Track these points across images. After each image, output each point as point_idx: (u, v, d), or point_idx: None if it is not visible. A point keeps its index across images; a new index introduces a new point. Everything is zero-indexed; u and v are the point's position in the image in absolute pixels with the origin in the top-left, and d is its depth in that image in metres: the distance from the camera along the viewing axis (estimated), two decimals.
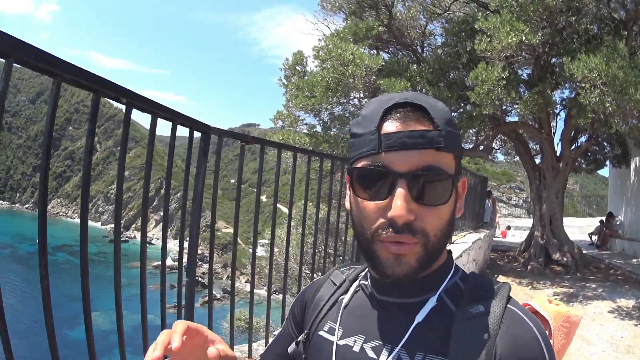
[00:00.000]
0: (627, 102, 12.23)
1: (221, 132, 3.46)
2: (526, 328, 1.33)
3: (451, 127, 1.37)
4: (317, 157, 5.72)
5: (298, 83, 16.76)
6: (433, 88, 16.91)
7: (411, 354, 1.37)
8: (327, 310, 1.68)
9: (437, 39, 20.87)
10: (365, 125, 1.40)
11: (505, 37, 13.08)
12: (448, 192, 1.35)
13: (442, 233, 1.37)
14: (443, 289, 1.45)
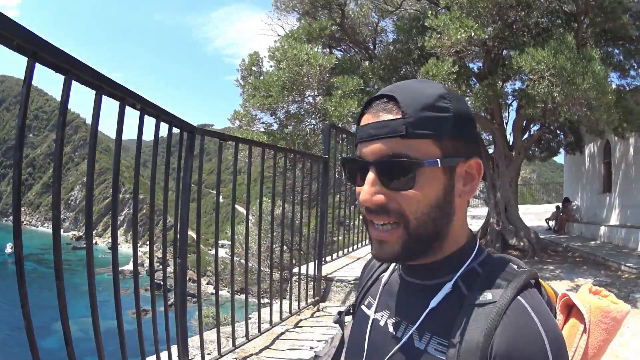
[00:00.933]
0: (575, 92, 12.73)
1: (204, 132, 3.65)
2: (529, 323, 1.30)
3: (430, 111, 1.39)
4: (300, 157, 6.10)
5: (255, 83, 17.00)
6: (385, 84, 17.00)
7: (420, 334, 1.44)
8: (369, 287, 1.84)
9: (388, 36, 21.28)
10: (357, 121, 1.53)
11: (455, 33, 13.43)
12: (411, 178, 1.38)
13: (427, 217, 1.42)
14: (460, 274, 1.48)
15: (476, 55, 16.80)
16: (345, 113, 14.78)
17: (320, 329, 4.95)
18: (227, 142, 4.05)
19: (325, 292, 6.06)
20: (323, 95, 16.38)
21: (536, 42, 14.06)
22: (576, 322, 1.58)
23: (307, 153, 6.23)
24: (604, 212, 23.84)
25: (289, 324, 5.04)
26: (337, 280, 6.06)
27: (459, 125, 1.42)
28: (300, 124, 18.18)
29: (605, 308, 1.55)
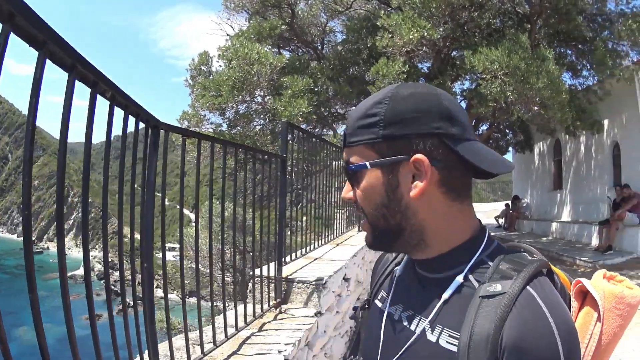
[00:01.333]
0: (529, 91, 12.94)
1: (168, 127, 3.45)
2: (538, 314, 1.31)
3: (362, 119, 1.53)
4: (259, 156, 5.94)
5: (204, 83, 16.84)
6: (333, 84, 17.58)
7: (432, 326, 1.49)
8: (382, 281, 1.92)
9: (337, 36, 21.48)
10: None
11: (407, 33, 13.53)
12: (353, 180, 1.59)
13: (378, 212, 1.55)
14: (470, 267, 1.50)
15: (426, 55, 16.92)
16: (295, 113, 14.84)
17: (285, 332, 4.89)
18: (190, 138, 3.94)
19: (287, 294, 5.98)
20: (272, 95, 16.34)
21: (488, 42, 14.29)
22: (590, 310, 1.58)
23: (266, 151, 6.17)
24: (555, 208, 24.34)
25: (253, 327, 4.96)
26: (298, 282, 5.99)
27: (391, 126, 1.48)
28: (249, 124, 18.10)
29: (619, 294, 1.56)
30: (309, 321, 5.30)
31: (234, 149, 4.95)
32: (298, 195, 8.54)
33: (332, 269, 6.67)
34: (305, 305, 5.82)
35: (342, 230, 10.74)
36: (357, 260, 8.60)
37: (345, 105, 20.55)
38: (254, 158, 5.50)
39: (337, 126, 21.80)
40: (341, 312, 7.20)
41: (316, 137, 8.65)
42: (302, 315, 5.51)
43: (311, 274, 6.28)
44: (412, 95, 1.51)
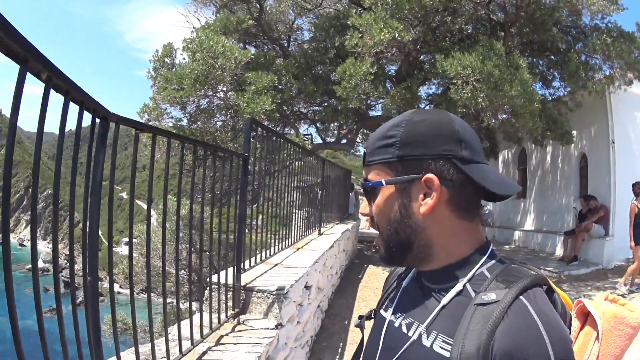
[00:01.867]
0: (501, 99, 12.92)
1: (120, 118, 3.20)
2: (530, 323, 1.36)
3: (380, 140, 1.68)
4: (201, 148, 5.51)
5: (167, 75, 16.52)
6: (298, 82, 17.37)
7: (428, 332, 1.57)
8: (390, 293, 2.02)
9: (304, 34, 21.38)
10: None
11: (378, 33, 13.36)
12: (370, 196, 1.73)
13: (391, 227, 1.68)
14: (469, 278, 1.60)
15: (394, 57, 16.81)
16: (258, 110, 14.60)
17: (244, 347, 4.61)
18: (143, 132, 3.60)
19: (246, 304, 5.69)
20: (235, 91, 16.15)
21: (460, 47, 14.17)
22: (590, 330, 1.60)
23: (227, 149, 5.88)
24: (518, 217, 24.60)
25: (210, 340, 4.66)
26: (257, 291, 5.70)
27: (406, 147, 1.62)
28: (210, 120, 17.78)
29: (620, 314, 1.57)
30: (269, 334, 5.07)
31: (193, 146, 4.72)
32: (257, 195, 8.28)
33: (293, 277, 6.49)
34: (265, 316, 5.57)
35: (302, 233, 10.58)
36: (318, 267, 8.44)
37: (308, 104, 20.50)
38: (214, 156, 5.17)
39: (299, 125, 21.83)
40: (302, 322, 7.02)
41: (281, 136, 8.43)
42: (262, 328, 5.25)
43: (271, 282, 6.04)
44: (426, 120, 1.65)
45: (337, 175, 17.45)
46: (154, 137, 3.76)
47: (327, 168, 13.57)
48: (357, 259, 18.63)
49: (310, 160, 11.37)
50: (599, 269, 16.70)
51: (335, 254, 11.75)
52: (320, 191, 12.85)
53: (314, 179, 12.19)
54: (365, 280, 14.68)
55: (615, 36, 15.95)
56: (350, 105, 15.09)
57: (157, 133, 3.87)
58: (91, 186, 2.94)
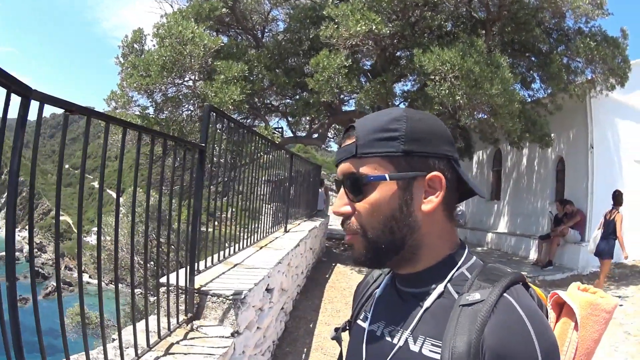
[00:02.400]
0: (481, 97, 12.84)
1: (44, 97, 2.77)
2: (516, 319, 1.38)
3: (379, 132, 1.59)
4: (149, 136, 5.00)
5: (134, 61, 16.14)
6: (270, 73, 17.20)
7: (415, 337, 1.55)
8: (364, 302, 1.96)
9: (279, 25, 21.16)
10: None
11: (355, 25, 13.21)
12: (362, 191, 1.60)
13: (384, 226, 1.59)
14: (449, 279, 1.59)
15: (370, 52, 16.72)
16: (226, 100, 14.32)
17: (196, 357, 4.23)
18: (74, 114, 3.16)
19: (200, 308, 5.29)
20: (204, 80, 15.82)
21: (439, 43, 14.09)
22: (567, 319, 1.68)
23: (179, 138, 5.50)
24: (491, 219, 24.78)
25: (159, 349, 4.25)
26: (213, 295, 5.32)
27: (412, 143, 1.57)
28: (178, 109, 17.39)
29: (595, 301, 1.65)
30: (223, 343, 4.70)
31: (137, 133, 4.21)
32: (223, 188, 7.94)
33: (253, 279, 6.15)
34: (220, 323, 5.19)
35: (268, 230, 10.33)
36: (282, 268, 8.18)
37: (280, 96, 20.35)
38: (164, 145, 4.73)
39: (270, 118, 21.61)
40: (263, 327, 6.72)
41: (244, 127, 8.07)
42: (217, 335, 4.88)
43: (229, 284, 5.67)
44: (425, 119, 1.65)
45: (307, 170, 17.33)
46: (88, 119, 3.36)
47: (296, 162, 13.44)
48: (325, 257, 18.56)
49: (278, 154, 11.19)
50: (574, 275, 16.75)
51: (301, 253, 11.55)
52: (288, 186, 12.69)
53: (282, 173, 12.03)
54: (333, 280, 14.43)
55: (599, 40, 16.09)
56: (322, 98, 14.94)
57: (92, 116, 3.37)
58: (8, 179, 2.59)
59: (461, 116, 14.27)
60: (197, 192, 5.35)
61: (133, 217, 4.14)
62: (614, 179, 17.96)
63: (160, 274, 5.47)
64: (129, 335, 4.01)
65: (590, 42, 15.69)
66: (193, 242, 5.30)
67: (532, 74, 19.43)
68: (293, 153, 13.54)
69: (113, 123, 3.79)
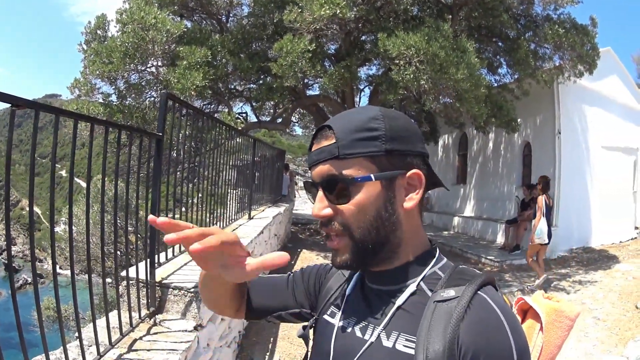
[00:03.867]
0: (447, 81, 12.91)
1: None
2: (492, 315, 1.40)
3: (361, 132, 1.56)
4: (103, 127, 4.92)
5: (97, 48, 15.92)
6: (234, 58, 17.13)
7: (388, 333, 1.54)
8: (331, 297, 1.93)
9: (243, 10, 20.83)
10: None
11: (319, 9, 13.15)
12: (347, 193, 1.57)
13: (370, 226, 1.57)
14: (422, 277, 1.60)
15: (334, 36, 16.72)
16: (189, 86, 14.19)
17: (160, 354, 4.15)
18: (22, 109, 3.06)
19: (162, 302, 5.19)
20: (167, 66, 15.64)
21: (404, 27, 14.11)
22: (533, 322, 1.74)
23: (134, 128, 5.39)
24: (457, 202, 25.04)
25: (121, 346, 4.16)
26: (174, 288, 5.21)
27: (393, 142, 1.57)
28: (141, 96, 17.19)
29: (559, 308, 1.72)
30: (186, 337, 4.61)
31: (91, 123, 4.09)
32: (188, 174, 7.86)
33: None
34: (183, 316, 5.09)
35: (231, 218, 10.36)
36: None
37: (244, 82, 20.20)
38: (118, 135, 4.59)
39: (234, 103, 21.66)
40: (226, 319, 6.55)
41: (203, 113, 8.02)
42: (180, 330, 4.78)
43: (190, 276, 5.56)
44: (399, 117, 1.65)
45: (271, 155, 17.47)
46: (36, 113, 3.24)
47: (259, 147, 13.48)
48: (290, 242, 18.73)
49: (240, 140, 11.22)
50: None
51: (265, 240, 11.55)
52: (252, 172, 12.67)
53: (245, 158, 12.13)
54: (298, 266, 14.19)
55: (568, 28, 16.33)
56: (286, 83, 14.89)
57: (39, 109, 3.26)
58: None
59: (426, 100, 14.29)
60: (155, 181, 5.24)
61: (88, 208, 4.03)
62: (581, 164, 18.48)
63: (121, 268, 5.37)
64: (90, 332, 3.90)
65: (559, 29, 15.92)
66: (152, 233, 5.18)
67: (499, 59, 19.66)
68: (256, 138, 13.55)
69: (62, 116, 3.67)
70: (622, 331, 10.65)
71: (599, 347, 9.95)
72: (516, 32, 17.76)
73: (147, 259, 5.12)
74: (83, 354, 3.59)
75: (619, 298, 12.76)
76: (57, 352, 3.66)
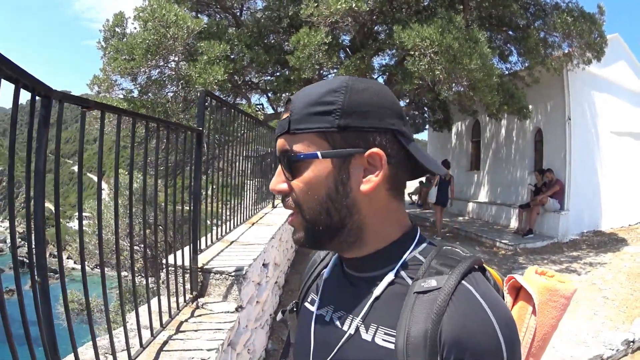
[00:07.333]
0: (460, 71, 12.97)
1: (63, 96, 2.86)
2: (476, 307, 1.32)
3: (314, 106, 1.48)
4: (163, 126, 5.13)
5: (117, 45, 16.06)
6: (250, 51, 17.14)
7: (366, 325, 1.48)
8: (311, 283, 1.89)
9: (257, 3, 20.99)
10: None
11: (335, 2, 13.28)
12: (295, 170, 1.51)
13: (319, 206, 1.50)
14: (401, 264, 1.51)
15: (349, 27, 16.71)
16: (210, 80, 14.33)
17: (206, 333, 4.40)
18: (91, 110, 3.25)
19: (204, 286, 5.47)
20: (187, 61, 15.79)
21: (417, 19, 14.14)
22: (524, 304, 1.66)
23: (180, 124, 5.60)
24: (472, 189, 24.96)
25: (170, 328, 4.42)
26: (215, 272, 5.48)
27: (349, 117, 1.46)
28: (161, 91, 17.35)
29: (553, 287, 1.65)
30: (229, 318, 4.87)
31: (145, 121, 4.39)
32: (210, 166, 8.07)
33: (251, 255, 6.32)
34: (224, 299, 5.36)
35: (257, 207, 10.64)
36: (274, 243, 8.34)
37: (260, 74, 20.24)
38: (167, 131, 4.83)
39: (251, 95, 21.63)
40: (261, 301, 6.88)
41: (235, 108, 8.23)
42: (222, 311, 5.04)
43: (229, 261, 5.84)
44: (370, 89, 1.52)
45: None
46: (102, 114, 3.50)
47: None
48: None
49: (262, 131, 11.43)
50: (554, 243, 17.21)
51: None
52: (272, 162, 12.85)
53: (266, 149, 12.26)
54: None
55: (576, 16, 16.17)
56: (303, 75, 14.93)
57: (106, 110, 3.55)
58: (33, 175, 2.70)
59: (440, 90, 14.41)
60: (196, 174, 5.46)
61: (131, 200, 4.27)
62: (590, 149, 18.50)
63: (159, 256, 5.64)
64: (141, 319, 4.05)
65: (568, 17, 15.86)
66: (195, 223, 5.43)
67: (509, 47, 19.61)
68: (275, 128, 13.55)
69: (124, 115, 3.93)
70: (630, 309, 10.94)
71: (607, 325, 10.19)
72: (526, 21, 17.74)
73: (190, 246, 5.36)
74: (140, 333, 3.88)
75: (627, 278, 13.01)
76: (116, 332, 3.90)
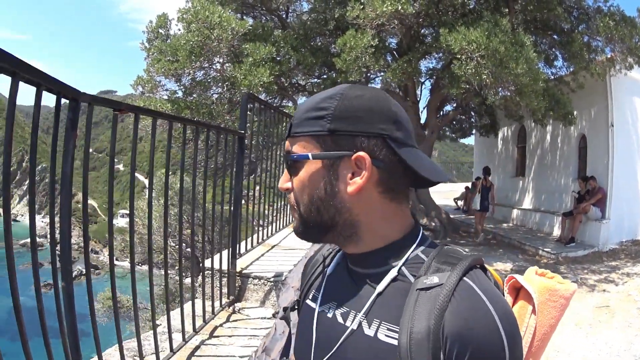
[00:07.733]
0: (507, 76, 12.87)
1: (92, 98, 2.86)
2: (478, 303, 1.34)
3: (311, 112, 1.57)
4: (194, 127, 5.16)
5: (161, 47, 16.12)
6: (297, 54, 17.13)
7: (369, 321, 1.50)
8: (313, 281, 1.91)
9: (303, 5, 21.01)
10: None
11: (380, 5, 13.18)
12: (293, 169, 1.62)
13: (311, 204, 1.58)
14: (404, 261, 1.54)
15: (395, 30, 16.64)
16: (256, 82, 14.38)
17: (240, 339, 4.32)
18: (123, 113, 3.25)
19: (241, 291, 5.39)
20: (232, 63, 15.79)
21: (463, 22, 14.05)
22: (525, 303, 1.68)
23: (222, 128, 5.53)
24: (516, 195, 24.76)
25: (203, 333, 4.35)
26: (254, 277, 5.40)
27: (339, 121, 1.53)
28: (206, 92, 17.44)
29: (552, 287, 1.67)
30: (266, 324, 4.78)
31: (183, 124, 4.32)
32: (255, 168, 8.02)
33: (291, 260, 6.17)
34: (262, 305, 5.28)
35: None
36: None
37: (307, 76, 20.24)
38: (207, 134, 4.78)
39: (297, 97, 21.62)
40: None
41: (278, 110, 8.04)
42: (259, 317, 4.96)
43: (269, 267, 5.73)
44: (363, 96, 1.58)
45: None
46: (136, 117, 3.42)
47: None
48: None
49: None
50: (595, 252, 16.95)
51: None
52: None
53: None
54: None
55: (618, 20, 16.07)
56: (350, 78, 14.86)
57: (139, 112, 3.43)
58: (61, 179, 2.70)
59: (487, 94, 14.24)
60: (237, 177, 5.41)
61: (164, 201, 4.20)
62: (632, 156, 18.21)
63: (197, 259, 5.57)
64: (173, 322, 4.00)
65: (610, 21, 15.74)
66: (235, 226, 5.36)
67: (554, 51, 19.43)
68: None
69: (161, 118, 3.89)
70: None
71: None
72: (570, 25, 17.62)
73: (229, 250, 5.29)
74: (170, 337, 3.82)
75: None
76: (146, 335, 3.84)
